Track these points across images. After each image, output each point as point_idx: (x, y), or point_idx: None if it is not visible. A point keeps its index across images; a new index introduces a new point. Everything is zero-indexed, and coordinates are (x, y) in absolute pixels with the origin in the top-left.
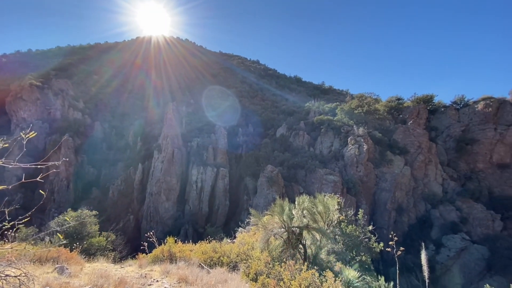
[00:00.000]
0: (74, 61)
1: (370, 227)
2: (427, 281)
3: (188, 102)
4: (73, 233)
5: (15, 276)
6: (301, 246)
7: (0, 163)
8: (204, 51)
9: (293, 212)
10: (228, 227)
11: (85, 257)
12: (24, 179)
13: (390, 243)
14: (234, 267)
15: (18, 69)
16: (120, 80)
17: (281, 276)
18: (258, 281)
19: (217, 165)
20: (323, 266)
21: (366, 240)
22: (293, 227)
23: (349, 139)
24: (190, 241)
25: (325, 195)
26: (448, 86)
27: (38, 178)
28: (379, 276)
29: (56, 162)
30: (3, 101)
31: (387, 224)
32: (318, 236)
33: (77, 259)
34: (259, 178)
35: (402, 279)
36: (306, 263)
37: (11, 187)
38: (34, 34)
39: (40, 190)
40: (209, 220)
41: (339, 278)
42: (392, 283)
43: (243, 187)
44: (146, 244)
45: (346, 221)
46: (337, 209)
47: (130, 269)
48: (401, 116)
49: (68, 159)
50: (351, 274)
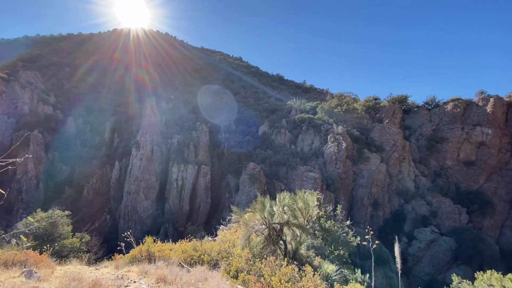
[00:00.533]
0: (45, 52)
1: (348, 222)
2: (400, 272)
3: (169, 98)
4: (43, 235)
5: None
6: (282, 242)
7: None
8: (186, 46)
9: (274, 209)
10: (210, 225)
11: (57, 260)
12: None
13: (366, 237)
14: (215, 265)
15: None
16: (97, 74)
17: (262, 273)
18: (239, 278)
19: (199, 163)
20: (303, 261)
21: (344, 235)
22: (274, 224)
23: (329, 137)
24: (170, 240)
25: (305, 192)
26: (422, 87)
27: None
28: (356, 269)
29: (18, 159)
30: None
31: (364, 219)
32: (298, 232)
33: (48, 262)
34: (241, 176)
35: (377, 271)
36: (286, 259)
37: None
38: None
39: (0, 189)
40: (190, 219)
41: (318, 272)
42: (368, 275)
43: (225, 185)
44: (124, 245)
45: (325, 217)
46: (317, 205)
47: (106, 271)
48: (378, 115)
49: (37, 156)
50: (330, 268)
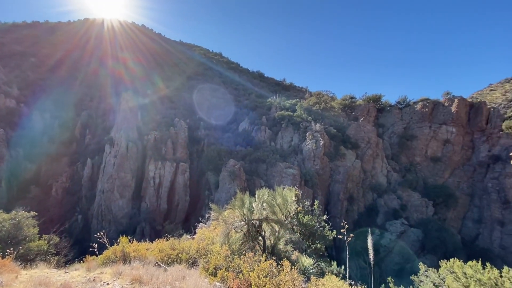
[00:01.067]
0: (6, 41)
1: (325, 217)
2: (372, 263)
3: (145, 93)
4: (6, 238)
5: None
6: (261, 238)
7: None
8: (164, 39)
9: (253, 205)
10: (189, 223)
11: (22, 264)
12: None
13: (342, 231)
14: (194, 263)
15: None
16: (67, 66)
17: (241, 269)
18: (217, 275)
19: (177, 160)
20: (281, 256)
21: (321, 229)
22: (253, 220)
23: (307, 134)
24: (147, 240)
25: (284, 188)
26: (395, 87)
27: None
28: (332, 262)
29: None
30: None
31: (340, 213)
32: (277, 227)
33: (11, 267)
34: (221, 173)
35: (352, 263)
36: (265, 254)
37: None
38: None
39: None
40: (168, 217)
41: (296, 266)
42: (343, 267)
43: (205, 182)
44: (96, 246)
45: (303, 212)
46: (295, 201)
47: (76, 274)
48: (354, 114)
49: None
50: (307, 262)
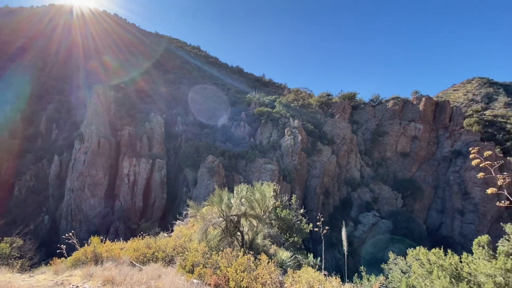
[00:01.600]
0: None
1: (302, 211)
2: (346, 254)
3: (118, 86)
4: None
5: None
6: (239, 233)
7: None
8: (139, 30)
9: (232, 201)
10: (166, 221)
11: None
12: None
13: (318, 224)
14: (170, 262)
15: None
16: (30, 55)
17: (219, 265)
18: (195, 273)
19: (153, 156)
20: (259, 250)
21: (298, 223)
22: (232, 216)
23: (286, 130)
24: (121, 239)
25: (263, 183)
26: (370, 84)
27: None
28: (309, 254)
29: None
30: None
31: (316, 207)
32: (255, 222)
33: None
34: (200, 169)
35: (328, 254)
36: (243, 249)
37: None
38: None
39: None
40: (144, 215)
41: (273, 260)
42: (319, 259)
43: (183, 179)
44: (65, 247)
45: (281, 207)
46: (273, 196)
47: (42, 277)
48: (330, 111)
49: None
50: (284, 255)
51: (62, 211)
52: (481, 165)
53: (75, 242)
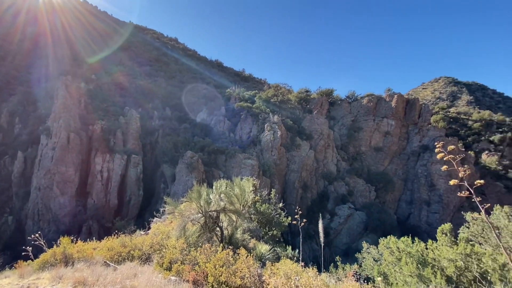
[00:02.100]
0: None
1: (281, 204)
2: (323, 245)
3: (89, 77)
4: None
5: None
6: (218, 229)
7: None
8: (111, 19)
9: (211, 197)
10: (142, 219)
11: None
12: None
13: (296, 217)
14: (147, 260)
15: None
16: None
17: (197, 261)
18: (173, 269)
19: (128, 152)
20: (239, 245)
21: (277, 216)
22: (211, 211)
23: (266, 126)
24: (94, 239)
25: (243, 178)
26: (346, 81)
27: None
28: (287, 246)
29: None
30: None
31: (295, 201)
32: (234, 217)
33: None
34: (178, 165)
35: (305, 246)
36: (222, 244)
37: None
38: None
39: None
40: (119, 213)
41: (252, 254)
42: (297, 250)
43: (160, 175)
44: (31, 249)
45: (261, 201)
46: (252, 191)
47: (6, 282)
48: (308, 106)
49: None
50: (263, 248)
51: (28, 211)
52: (445, 159)
53: (43, 244)
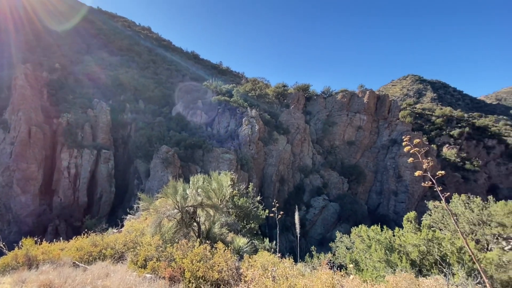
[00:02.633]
0: None
1: (258, 198)
2: (299, 236)
3: (52, 67)
4: None
5: None
6: (196, 224)
7: None
8: (77, 3)
9: (188, 192)
10: (115, 217)
11: None
12: None
13: (273, 210)
14: (121, 258)
15: None
16: None
17: (173, 257)
18: (148, 267)
19: (98, 147)
20: (216, 239)
21: (255, 209)
22: (187, 207)
23: (244, 120)
24: (62, 239)
25: (220, 173)
26: (322, 77)
27: None
28: (265, 239)
29: None
30: None
31: (273, 194)
32: (212, 212)
33: None
34: (153, 160)
35: (282, 237)
36: (199, 239)
37: None
38: None
39: None
40: (89, 211)
41: (230, 247)
42: (274, 242)
43: (133, 171)
44: None
45: (239, 195)
46: (230, 185)
47: None
48: (285, 101)
49: None
50: (241, 242)
51: None
52: (411, 152)
53: (2, 246)
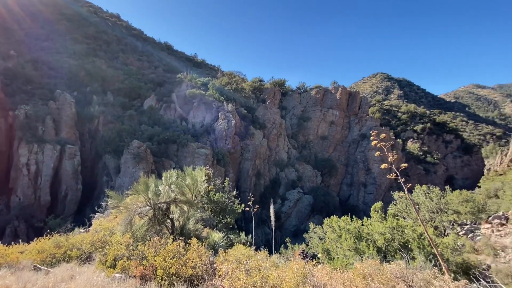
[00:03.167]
0: None
1: (235, 192)
2: (274, 228)
3: (7, 53)
4: None
5: None
6: (169, 221)
7: None
8: None
9: (160, 188)
10: (83, 215)
11: None
12: None
13: (249, 203)
14: (88, 259)
15: None
16: None
17: (145, 255)
18: (117, 266)
19: (62, 142)
20: (191, 235)
21: (231, 204)
22: (160, 203)
23: (220, 114)
24: (21, 241)
25: (195, 168)
26: (298, 73)
27: None
28: (241, 232)
29: None
30: None
31: (249, 188)
32: (186, 208)
33: None
34: (123, 155)
35: (258, 230)
36: (173, 236)
37: None
38: None
39: None
40: (53, 211)
41: (205, 243)
42: (250, 235)
43: (102, 167)
44: None
45: (215, 190)
46: (206, 180)
47: None
48: (262, 96)
49: None
50: (217, 236)
51: None
52: (378, 146)
53: None
